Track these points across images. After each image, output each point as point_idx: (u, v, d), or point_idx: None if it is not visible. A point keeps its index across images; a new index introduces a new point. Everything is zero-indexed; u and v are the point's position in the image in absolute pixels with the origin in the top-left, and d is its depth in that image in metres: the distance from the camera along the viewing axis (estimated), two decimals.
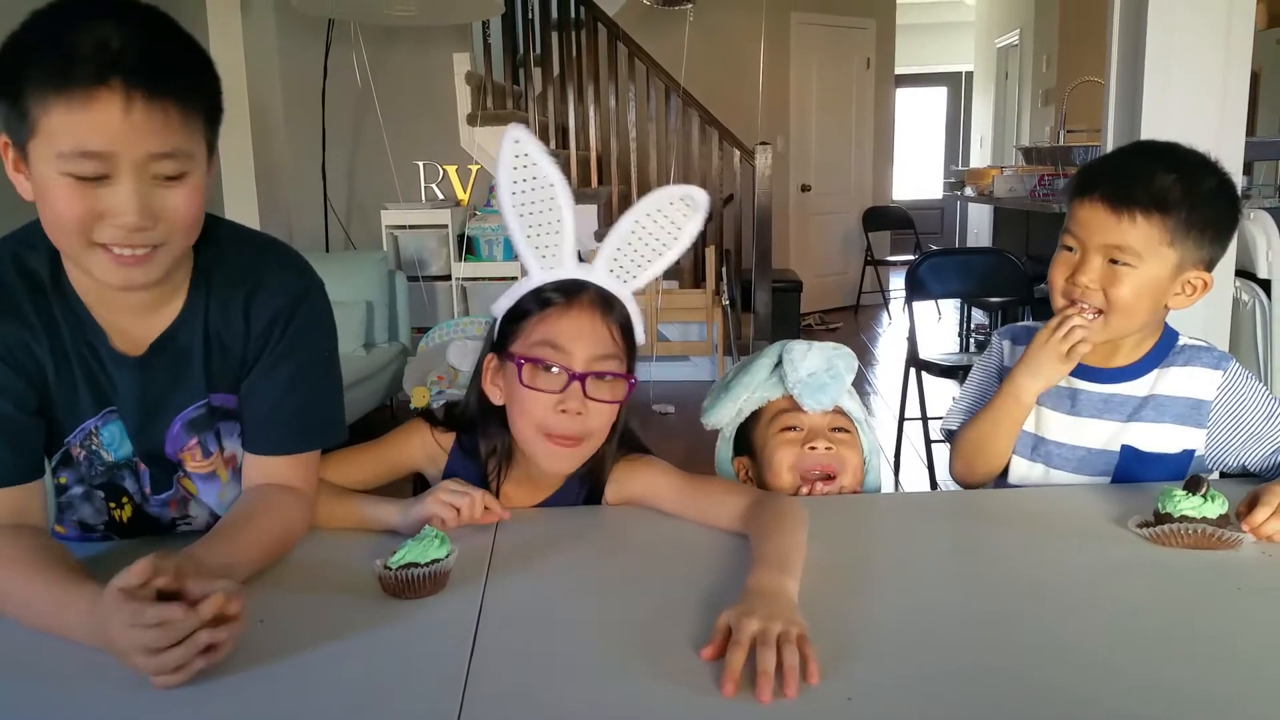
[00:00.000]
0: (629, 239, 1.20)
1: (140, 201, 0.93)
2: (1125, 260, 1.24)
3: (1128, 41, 2.75)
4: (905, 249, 8.12)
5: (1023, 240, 5.39)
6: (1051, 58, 7.23)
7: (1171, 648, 0.90)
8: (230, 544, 1.03)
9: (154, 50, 0.92)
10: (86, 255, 0.96)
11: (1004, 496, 1.37)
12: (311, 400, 1.16)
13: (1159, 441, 1.33)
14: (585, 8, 5.43)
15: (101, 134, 0.89)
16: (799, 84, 7.43)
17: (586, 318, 1.16)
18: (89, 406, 1.10)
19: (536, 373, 1.15)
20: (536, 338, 1.16)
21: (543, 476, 1.26)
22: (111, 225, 0.94)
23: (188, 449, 1.17)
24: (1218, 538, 1.08)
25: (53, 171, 0.91)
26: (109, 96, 0.88)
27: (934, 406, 3.91)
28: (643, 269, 1.21)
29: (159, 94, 0.91)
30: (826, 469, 1.33)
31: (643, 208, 1.20)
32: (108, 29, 0.90)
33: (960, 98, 11.43)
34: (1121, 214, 1.23)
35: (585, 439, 1.17)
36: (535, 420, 1.16)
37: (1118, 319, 1.27)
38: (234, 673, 0.86)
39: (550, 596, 1.02)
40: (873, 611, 0.97)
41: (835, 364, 1.36)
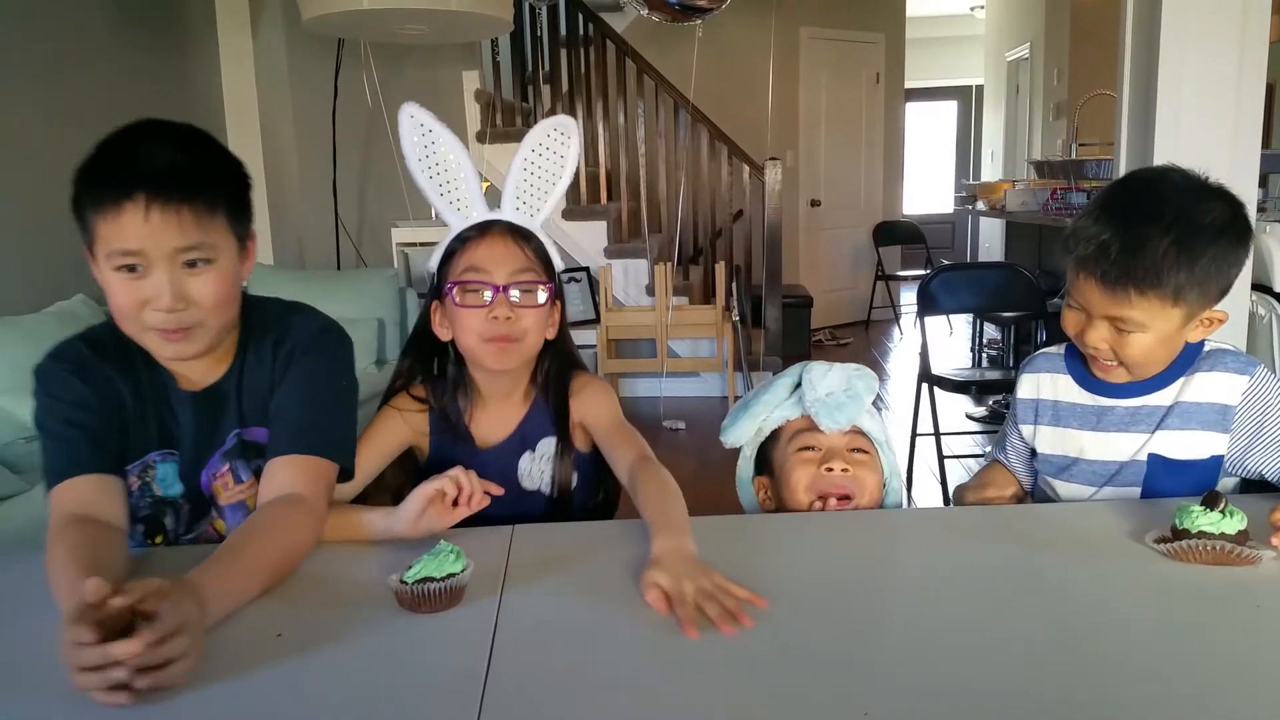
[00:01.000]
0: (523, 178, 1.39)
1: (172, 288, 1.13)
2: (1129, 329, 1.25)
3: (1140, 54, 2.74)
4: (916, 264, 8.11)
5: (1035, 254, 5.38)
6: (1063, 71, 7.23)
7: (1190, 665, 0.89)
8: (231, 566, 1.04)
9: (174, 165, 1.13)
10: (143, 336, 1.18)
11: (1020, 512, 1.37)
12: (323, 416, 1.27)
13: (1186, 448, 1.32)
14: (594, 25, 5.45)
15: (130, 236, 1.11)
16: (808, 99, 7.44)
17: (500, 244, 1.35)
18: (154, 441, 1.26)
19: (465, 293, 1.34)
20: (461, 267, 1.34)
21: (508, 399, 1.42)
22: (152, 310, 1.14)
23: (220, 475, 1.28)
24: (1236, 554, 1.07)
25: (107, 268, 1.14)
26: (133, 207, 1.10)
27: (946, 422, 3.90)
28: (544, 200, 1.40)
29: (173, 200, 1.11)
30: (842, 490, 1.33)
31: (525, 147, 1.39)
32: (140, 152, 1.14)
33: (971, 111, 11.45)
34: (1118, 293, 1.22)
35: (520, 338, 1.34)
36: (475, 331, 1.33)
37: (1136, 369, 1.30)
38: (251, 685, 0.87)
39: (566, 610, 1.02)
40: (890, 627, 0.97)
41: (854, 384, 1.37)
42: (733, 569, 1.12)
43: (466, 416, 1.42)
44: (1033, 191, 5.18)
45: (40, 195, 3.40)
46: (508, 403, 1.43)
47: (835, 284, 7.82)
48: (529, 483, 1.42)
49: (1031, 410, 1.42)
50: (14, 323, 3.01)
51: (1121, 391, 1.34)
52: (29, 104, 3.38)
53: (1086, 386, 1.38)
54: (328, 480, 1.24)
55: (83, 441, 1.19)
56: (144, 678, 0.83)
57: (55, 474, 1.17)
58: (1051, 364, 1.42)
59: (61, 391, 1.21)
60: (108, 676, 0.83)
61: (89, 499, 1.15)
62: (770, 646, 0.93)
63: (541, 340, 1.39)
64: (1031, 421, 1.42)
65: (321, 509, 1.21)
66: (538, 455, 1.42)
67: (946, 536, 1.24)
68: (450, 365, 1.42)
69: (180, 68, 4.35)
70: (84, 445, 1.18)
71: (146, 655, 0.83)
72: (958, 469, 4.01)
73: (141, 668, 0.83)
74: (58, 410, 1.20)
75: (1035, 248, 5.40)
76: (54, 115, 3.50)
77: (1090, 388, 1.37)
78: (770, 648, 0.93)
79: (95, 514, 1.13)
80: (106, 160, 1.15)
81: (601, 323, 5.07)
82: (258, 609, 1.03)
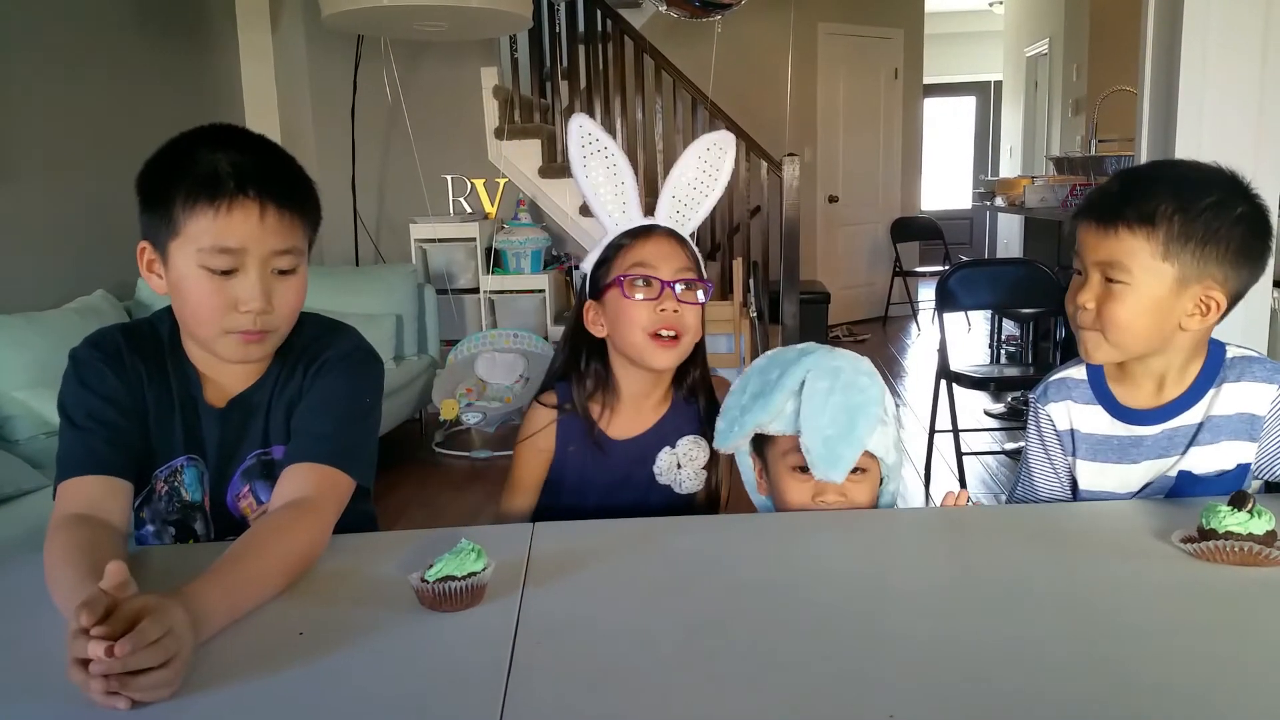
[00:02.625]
0: (680, 187, 1.46)
1: (263, 289, 1.16)
2: (1119, 277, 1.21)
3: (1161, 51, 2.72)
4: (934, 260, 8.07)
5: (1054, 251, 5.34)
6: (1082, 67, 7.17)
7: (1218, 667, 0.88)
8: (230, 577, 1.00)
9: (276, 170, 1.19)
10: (217, 340, 1.20)
11: (1044, 512, 1.36)
12: (341, 428, 1.25)
13: (1215, 462, 1.29)
14: (612, 21, 5.45)
15: (238, 234, 1.14)
16: (826, 95, 7.41)
17: (665, 243, 1.42)
18: (179, 446, 1.27)
19: (635, 286, 1.39)
20: (628, 263, 1.41)
21: (646, 399, 1.47)
22: (239, 313, 1.17)
23: (243, 496, 1.29)
24: (1264, 555, 1.05)
25: (191, 266, 1.15)
26: (248, 205, 1.14)
27: (965, 419, 3.88)
28: (696, 210, 1.47)
29: (283, 204, 1.17)
30: (834, 510, 1.31)
31: (686, 161, 1.46)
32: (242, 154, 1.16)
33: (989, 107, 11.38)
34: (1107, 229, 1.21)
35: (684, 334, 1.40)
36: (642, 324, 1.38)
37: (1116, 336, 1.24)
38: (272, 683, 0.87)
39: (588, 608, 1.02)
40: (913, 627, 0.96)
41: (855, 426, 1.23)
42: (751, 568, 1.12)
43: (603, 418, 1.46)
44: (1051, 188, 5.14)
45: (61, 192, 3.42)
46: (646, 402, 1.48)
47: (853, 280, 7.79)
48: (664, 477, 1.46)
49: (1069, 440, 1.36)
50: (34, 319, 3.03)
51: (1152, 418, 1.31)
52: (49, 100, 3.40)
53: (1119, 416, 1.33)
54: (340, 491, 1.21)
55: (102, 439, 1.19)
56: (118, 685, 0.81)
57: (68, 467, 1.18)
58: (1076, 391, 1.35)
59: (94, 381, 1.22)
60: (87, 676, 0.81)
61: (95, 499, 1.15)
62: (793, 646, 0.93)
63: (697, 340, 1.45)
64: (1071, 453, 1.37)
65: (329, 516, 1.17)
66: (679, 451, 1.47)
67: (968, 536, 1.24)
68: (595, 364, 1.46)
69: (200, 64, 4.37)
70: (102, 443, 1.19)
71: (114, 662, 0.80)
72: (976, 466, 4.00)
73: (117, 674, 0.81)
74: (85, 401, 1.21)
75: (1054, 244, 5.35)
76: (74, 113, 3.52)
77: (1122, 416, 1.32)
78: (793, 647, 0.92)
79: (98, 514, 1.14)
80: (204, 155, 1.15)
81: None
82: (279, 607, 1.03)
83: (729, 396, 1.35)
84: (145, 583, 1.06)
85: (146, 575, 1.12)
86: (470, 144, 5.25)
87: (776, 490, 1.34)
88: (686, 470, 1.47)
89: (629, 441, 1.46)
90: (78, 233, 3.51)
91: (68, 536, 1.08)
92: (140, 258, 1.21)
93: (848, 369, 1.27)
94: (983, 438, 4.39)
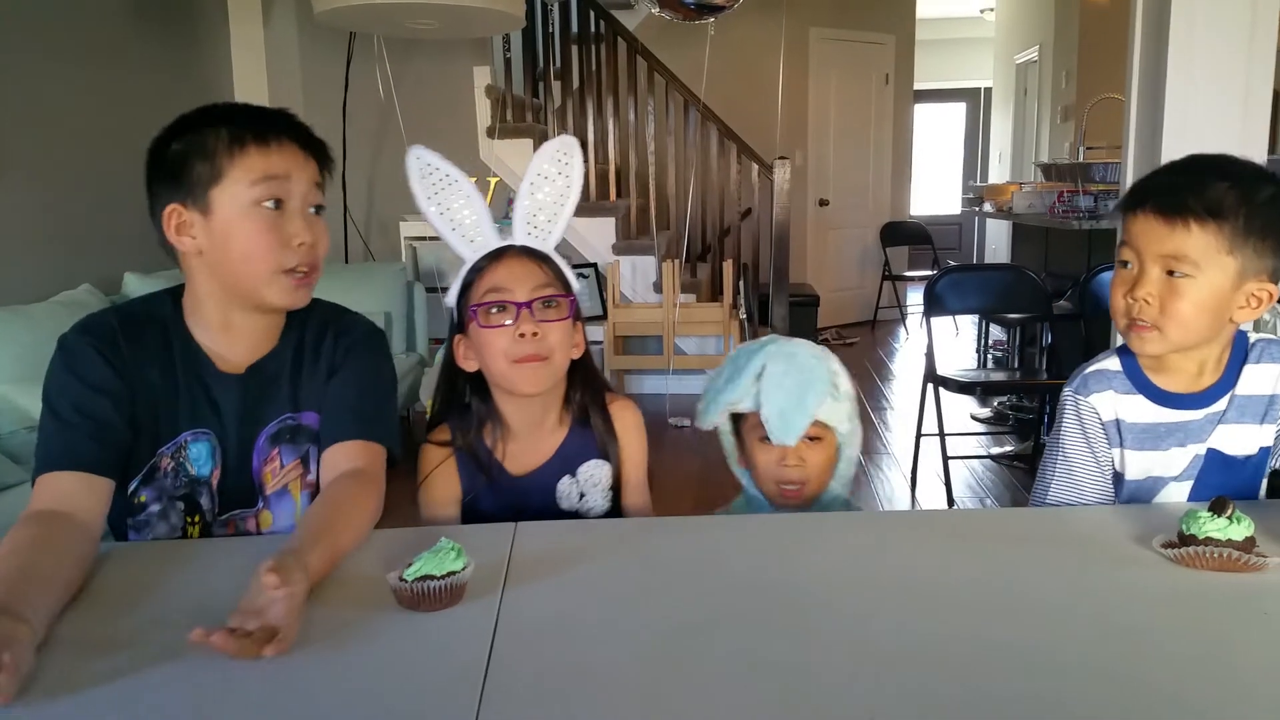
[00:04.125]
0: (532, 202, 1.39)
1: (306, 224, 1.24)
2: (1183, 270, 1.21)
3: (1149, 59, 2.74)
4: (923, 264, 8.10)
5: (1041, 257, 5.37)
6: (1071, 74, 7.20)
7: (1197, 672, 0.88)
8: (327, 538, 1.10)
9: (299, 125, 1.27)
10: (271, 283, 1.24)
11: (1025, 516, 1.36)
12: (374, 403, 1.33)
13: (1239, 443, 1.31)
14: (605, 22, 5.45)
15: (285, 163, 1.22)
16: (818, 99, 7.43)
17: (518, 263, 1.35)
18: (187, 421, 1.28)
19: (489, 314, 1.33)
20: (482, 290, 1.34)
21: (539, 427, 1.42)
22: (291, 249, 1.23)
23: (269, 460, 1.31)
24: (1243, 561, 1.06)
25: (245, 204, 1.20)
26: (288, 143, 1.23)
27: (951, 423, 3.89)
28: (554, 223, 1.40)
29: (309, 147, 1.26)
30: (794, 480, 1.44)
31: (530, 173, 1.39)
32: (267, 108, 1.26)
33: (979, 113, 11.42)
34: (1175, 223, 1.20)
35: (548, 356, 1.34)
36: (502, 351, 1.33)
37: (1176, 332, 1.24)
38: (248, 684, 0.86)
39: (567, 609, 1.02)
40: (892, 630, 0.96)
41: (805, 399, 1.39)
42: (733, 569, 1.12)
43: (498, 451, 1.40)
44: (1040, 194, 5.16)
45: (48, 185, 3.40)
46: (540, 430, 1.42)
47: (842, 283, 7.81)
48: (567, 504, 1.42)
49: (1115, 431, 1.35)
50: (19, 312, 3.02)
51: (1194, 402, 1.31)
52: (37, 94, 3.38)
53: (1162, 402, 1.32)
54: (383, 463, 1.30)
55: (86, 434, 1.18)
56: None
57: (48, 460, 1.17)
58: (1116, 382, 1.34)
59: (84, 370, 1.21)
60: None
61: (70, 495, 1.15)
62: (773, 646, 0.93)
63: (568, 359, 1.38)
64: (1118, 444, 1.35)
65: (383, 485, 1.27)
66: (580, 479, 1.42)
67: (951, 539, 1.24)
68: (475, 400, 1.41)
69: (191, 59, 4.36)
70: (85, 438, 1.18)
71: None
72: (962, 470, 4.01)
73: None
74: (73, 391, 1.20)
75: (1042, 250, 5.38)
76: (62, 106, 3.50)
77: (1165, 402, 1.32)
78: (773, 647, 0.92)
79: (70, 511, 1.13)
80: (239, 109, 1.24)
81: (609, 319, 5.07)
82: None
83: (708, 381, 1.48)
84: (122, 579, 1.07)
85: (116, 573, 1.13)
86: (462, 143, 5.24)
87: (751, 460, 1.47)
88: (592, 496, 1.43)
89: (529, 476, 1.41)
90: (64, 226, 3.49)
91: (18, 534, 1.07)
92: (167, 223, 1.22)
93: (801, 354, 1.43)
94: (969, 442, 4.40)
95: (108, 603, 1.05)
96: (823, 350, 1.46)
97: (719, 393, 1.44)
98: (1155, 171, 1.31)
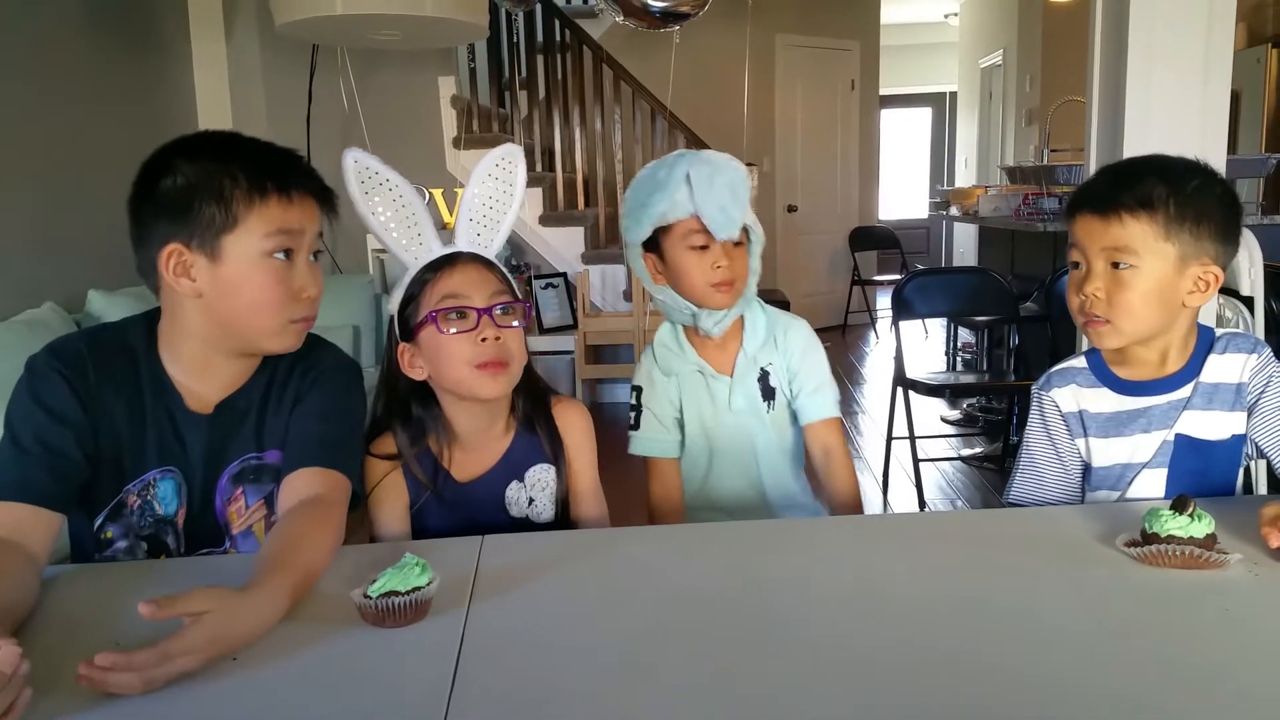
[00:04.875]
0: (475, 208, 1.38)
1: (311, 274, 1.24)
2: (1127, 261, 1.27)
3: (1109, 62, 2.77)
4: (892, 269, 8.15)
5: (1008, 259, 5.41)
6: (1035, 77, 7.28)
7: (1160, 669, 0.89)
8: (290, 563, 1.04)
9: (313, 174, 1.27)
10: (281, 332, 1.23)
11: (992, 517, 1.37)
12: (338, 433, 1.28)
13: (1208, 428, 1.34)
14: (570, 31, 5.45)
15: (300, 217, 1.21)
16: (784, 105, 7.47)
17: (472, 269, 1.34)
18: (154, 459, 1.25)
19: (450, 320, 1.31)
20: (438, 297, 1.32)
21: (486, 434, 1.40)
22: (300, 300, 1.22)
23: (233, 500, 1.28)
24: (1205, 558, 1.07)
25: (256, 255, 1.18)
26: (308, 195, 1.23)
27: (921, 425, 3.91)
28: (497, 230, 1.40)
29: (320, 198, 1.26)
30: (728, 279, 1.52)
31: (475, 180, 1.39)
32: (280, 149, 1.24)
33: (945, 118, 11.52)
34: (1110, 218, 1.27)
35: (509, 361, 1.33)
36: (464, 358, 1.31)
37: (1128, 322, 1.30)
38: (212, 705, 0.85)
39: (533, 622, 1.01)
40: (859, 634, 0.96)
41: (737, 190, 1.49)
42: (700, 579, 1.12)
43: (445, 459, 1.39)
44: (1005, 197, 5.21)
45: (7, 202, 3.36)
46: (486, 437, 1.41)
47: (812, 288, 7.84)
48: (516, 510, 1.41)
49: (1078, 423, 1.39)
50: None
51: (1156, 388, 1.35)
52: None
53: (1124, 390, 1.37)
54: (344, 492, 1.23)
55: (43, 465, 1.15)
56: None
57: (1, 487, 1.14)
58: (1080, 377, 1.39)
59: (48, 397, 1.18)
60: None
61: (17, 525, 1.11)
62: (741, 656, 0.92)
63: (524, 365, 1.38)
64: (1081, 434, 1.39)
65: (343, 513, 1.21)
66: (527, 484, 1.42)
67: (918, 542, 1.24)
68: (419, 408, 1.39)
69: (153, 73, 4.31)
70: (41, 470, 1.15)
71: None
72: (933, 472, 4.03)
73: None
74: (36, 420, 1.17)
75: (1008, 253, 5.42)
76: (21, 122, 3.46)
77: (1127, 390, 1.36)
78: (741, 657, 0.92)
79: (19, 542, 1.10)
80: (254, 155, 1.21)
81: (579, 328, 5.06)
82: None
83: (625, 204, 1.56)
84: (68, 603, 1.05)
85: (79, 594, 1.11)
86: (428, 154, 5.22)
87: (677, 274, 1.54)
88: (540, 501, 1.43)
89: (476, 482, 1.40)
90: (27, 244, 3.44)
91: None
92: (165, 262, 1.18)
93: (717, 158, 1.51)
94: (939, 444, 4.43)
95: (68, 625, 1.03)
96: (733, 156, 1.54)
97: (644, 206, 1.51)
98: (1092, 177, 1.38)
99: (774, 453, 1.62)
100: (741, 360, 1.60)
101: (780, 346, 1.61)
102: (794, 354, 1.60)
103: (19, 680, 0.81)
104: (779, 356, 1.61)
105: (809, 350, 1.61)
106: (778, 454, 1.62)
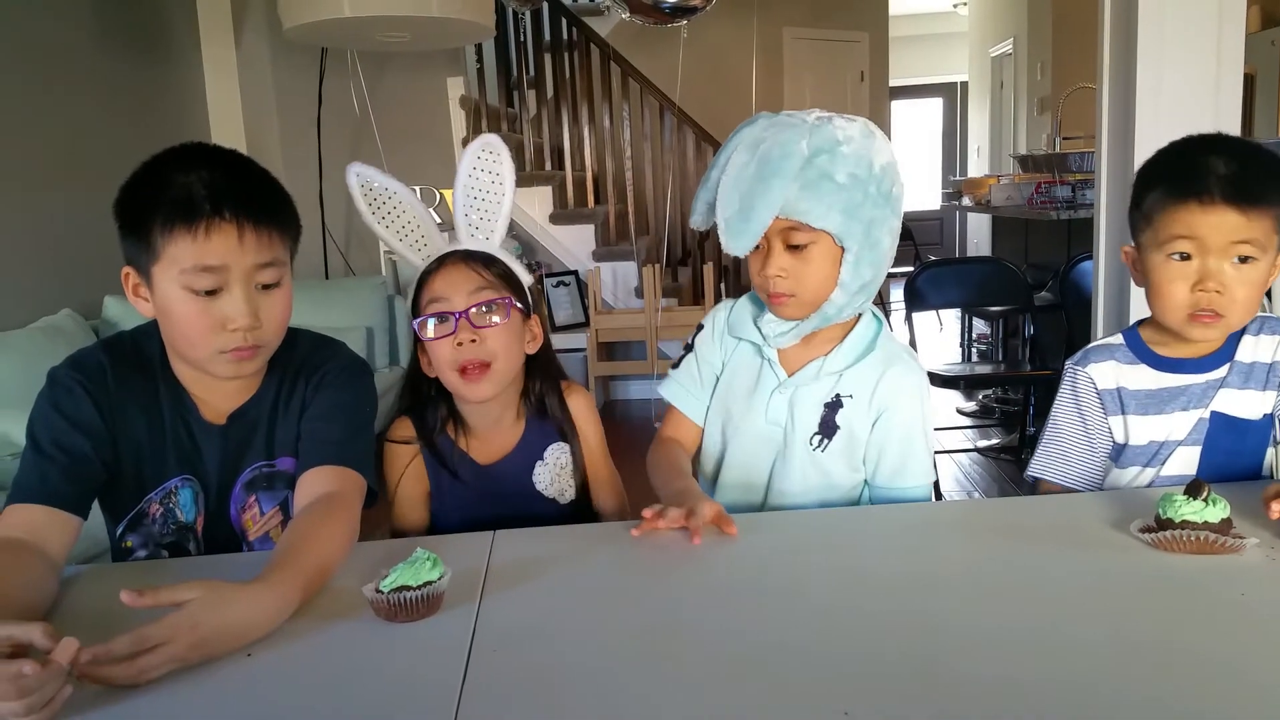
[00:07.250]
0: (468, 203, 1.39)
1: (249, 305, 1.16)
2: (1252, 255, 1.23)
3: (1119, 47, 2.74)
4: (904, 260, 8.02)
5: (1022, 248, 5.39)
6: (1046, 65, 7.24)
7: (1175, 655, 0.88)
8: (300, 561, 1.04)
9: (250, 187, 1.18)
10: (211, 361, 1.19)
11: (1007, 505, 1.37)
12: (350, 432, 1.28)
13: (1243, 407, 1.33)
14: (577, 29, 5.45)
15: (218, 254, 1.13)
16: (793, 99, 7.44)
17: (455, 270, 1.35)
18: (174, 468, 1.26)
19: (428, 326, 1.34)
20: (424, 302, 1.35)
21: (498, 424, 1.43)
22: (228, 332, 1.16)
23: (248, 507, 1.29)
24: (1220, 543, 1.06)
25: (175, 289, 1.14)
26: (225, 226, 1.12)
27: (937, 417, 3.89)
28: (495, 220, 1.40)
29: (260, 220, 1.15)
30: (779, 291, 1.27)
31: (461, 176, 1.39)
32: (214, 174, 1.14)
33: (956, 108, 11.46)
34: (1248, 210, 1.21)
35: (491, 362, 1.33)
36: (446, 361, 1.34)
37: (1240, 316, 1.27)
38: (226, 700, 0.86)
39: (544, 616, 1.01)
40: (872, 623, 0.96)
41: (763, 194, 1.20)
42: (710, 572, 1.12)
43: (462, 444, 1.43)
44: (1018, 186, 5.18)
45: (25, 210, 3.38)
46: (498, 428, 1.44)
47: None
48: (550, 491, 1.44)
49: (1115, 400, 1.37)
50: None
51: (1195, 366, 1.34)
52: (11, 118, 3.36)
53: (1163, 367, 1.35)
54: (359, 489, 1.24)
55: (62, 470, 1.17)
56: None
57: (20, 491, 1.15)
58: (1119, 353, 1.38)
59: (68, 407, 1.20)
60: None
61: (35, 527, 1.12)
62: (751, 647, 0.92)
63: (517, 360, 1.39)
64: (1119, 411, 1.37)
65: (357, 509, 1.21)
66: (549, 462, 1.44)
67: (932, 530, 1.24)
68: (436, 398, 1.43)
69: (164, 79, 4.33)
70: (59, 473, 1.16)
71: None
72: (949, 464, 4.01)
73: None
74: (55, 426, 1.19)
75: (1022, 242, 5.40)
76: (37, 130, 3.48)
77: (1166, 367, 1.35)
78: (751, 648, 0.92)
79: (34, 542, 1.11)
80: (177, 177, 1.14)
81: (591, 326, 5.06)
82: None
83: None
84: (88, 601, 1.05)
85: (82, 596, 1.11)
86: (438, 154, 5.23)
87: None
88: (564, 479, 1.45)
89: (498, 464, 1.43)
90: (43, 251, 3.47)
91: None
92: (125, 283, 1.20)
93: (772, 135, 1.20)
94: (955, 436, 4.41)
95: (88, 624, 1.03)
96: (816, 116, 1.24)
97: (701, 187, 1.30)
98: (1169, 157, 1.29)
99: (795, 494, 1.36)
100: (813, 368, 1.35)
101: (877, 385, 1.33)
102: (886, 402, 1.33)
103: (63, 673, 0.82)
104: (867, 393, 1.33)
105: (909, 404, 1.34)
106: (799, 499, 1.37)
